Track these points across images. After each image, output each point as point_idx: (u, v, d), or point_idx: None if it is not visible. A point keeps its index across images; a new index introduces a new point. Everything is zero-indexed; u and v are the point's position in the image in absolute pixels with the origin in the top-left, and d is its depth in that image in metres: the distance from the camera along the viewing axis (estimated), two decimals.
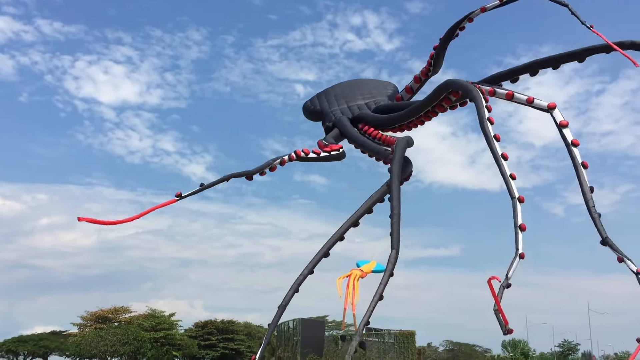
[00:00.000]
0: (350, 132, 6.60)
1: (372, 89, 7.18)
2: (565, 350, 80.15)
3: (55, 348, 56.59)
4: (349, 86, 7.39)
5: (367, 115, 6.67)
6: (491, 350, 78.82)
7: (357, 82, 7.62)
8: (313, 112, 7.24)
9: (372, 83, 7.47)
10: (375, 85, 7.32)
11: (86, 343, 47.61)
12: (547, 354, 79.18)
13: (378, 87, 7.25)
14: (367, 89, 7.18)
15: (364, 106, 6.84)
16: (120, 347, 47.25)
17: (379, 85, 7.30)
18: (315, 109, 7.22)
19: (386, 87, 7.16)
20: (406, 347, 36.09)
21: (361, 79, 7.80)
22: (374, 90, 7.14)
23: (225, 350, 55.16)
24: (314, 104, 7.29)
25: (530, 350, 75.50)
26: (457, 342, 76.85)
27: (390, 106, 6.72)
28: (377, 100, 6.88)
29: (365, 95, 7.02)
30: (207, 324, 57.28)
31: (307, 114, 7.36)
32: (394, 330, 36.88)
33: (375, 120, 6.56)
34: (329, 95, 7.26)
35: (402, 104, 6.75)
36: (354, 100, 6.97)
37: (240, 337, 56.52)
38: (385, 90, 7.09)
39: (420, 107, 5.95)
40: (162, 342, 51.20)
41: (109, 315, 54.02)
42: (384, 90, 7.10)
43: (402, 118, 6.23)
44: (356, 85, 7.42)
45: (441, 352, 74.98)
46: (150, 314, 54.00)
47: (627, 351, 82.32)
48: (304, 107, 7.41)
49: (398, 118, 6.30)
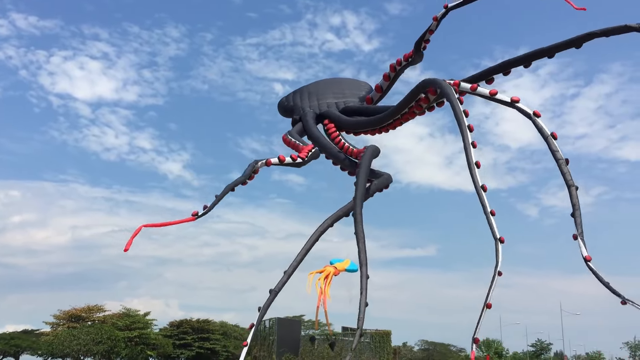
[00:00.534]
0: (311, 128, 6.72)
1: (346, 88, 7.27)
2: (538, 349, 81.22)
3: (27, 347, 55.69)
4: (324, 84, 7.48)
5: (333, 114, 6.79)
6: (465, 349, 79.50)
7: (333, 81, 7.70)
8: (286, 108, 7.34)
9: (348, 83, 7.55)
10: (350, 86, 7.40)
11: (59, 342, 46.90)
12: (520, 353, 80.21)
13: (352, 87, 7.33)
14: (341, 89, 7.27)
15: (334, 105, 6.94)
16: (93, 346, 46.64)
17: (354, 86, 7.38)
18: (287, 105, 7.33)
19: (360, 88, 7.23)
20: (382, 347, 36.27)
21: (338, 78, 7.86)
22: (347, 90, 7.23)
23: (200, 350, 54.80)
24: (288, 100, 7.40)
25: (503, 350, 76.40)
26: (432, 342, 77.39)
27: (360, 109, 6.82)
28: (348, 101, 6.99)
29: (337, 94, 7.12)
30: (182, 323, 56.85)
31: (280, 110, 7.45)
32: (370, 330, 37.00)
33: (340, 120, 6.67)
34: (302, 93, 7.35)
35: (371, 108, 6.83)
36: (325, 98, 7.07)
37: (215, 337, 56.19)
38: (359, 91, 7.17)
39: (399, 107, 6.01)
40: (137, 341, 50.69)
41: (83, 314, 53.28)
42: (357, 91, 7.18)
43: (383, 120, 6.29)
44: (331, 84, 7.51)
45: (416, 352, 75.41)
46: (125, 313, 53.42)
47: (599, 351, 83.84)
48: (278, 104, 7.51)
49: (377, 121, 6.36)
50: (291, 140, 6.63)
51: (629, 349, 77.45)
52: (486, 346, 76.09)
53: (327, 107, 6.91)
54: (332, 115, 6.78)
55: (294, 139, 6.63)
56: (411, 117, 6.15)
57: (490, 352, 73.89)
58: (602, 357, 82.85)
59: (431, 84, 5.53)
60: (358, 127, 6.65)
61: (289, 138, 6.68)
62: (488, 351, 74.44)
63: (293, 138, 6.64)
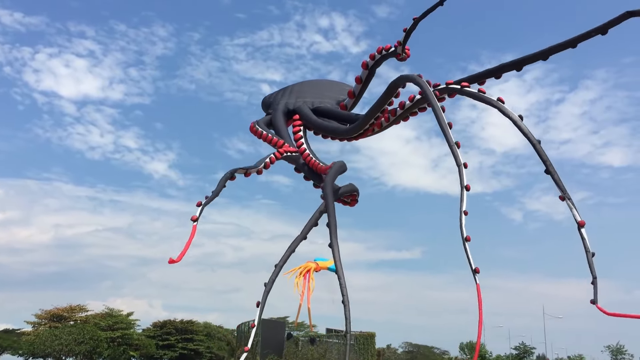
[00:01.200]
0: (278, 122, 6.81)
1: (326, 90, 7.29)
2: (521, 353, 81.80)
3: (7, 347, 55.05)
4: (309, 85, 7.54)
5: (303, 110, 6.82)
6: (449, 352, 79.97)
7: (319, 82, 7.75)
8: (266, 103, 7.40)
9: (331, 85, 7.57)
10: (332, 88, 7.41)
11: (40, 342, 46.46)
12: (503, 356, 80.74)
13: (334, 90, 7.34)
14: (320, 90, 7.30)
15: (310, 103, 6.95)
16: (75, 346, 46.25)
17: (336, 89, 7.38)
18: (268, 101, 7.40)
19: (342, 92, 7.20)
20: (366, 349, 36.28)
21: (324, 80, 7.90)
22: (327, 92, 7.24)
23: (184, 351, 54.54)
24: (270, 96, 7.48)
25: (487, 353, 76.88)
26: (416, 344, 77.76)
27: (330, 110, 6.83)
28: (324, 102, 6.99)
29: (315, 95, 7.14)
30: (165, 324, 56.56)
31: (263, 105, 7.53)
32: (354, 332, 37.01)
33: (310, 118, 6.72)
34: (285, 90, 7.43)
35: (342, 114, 6.80)
36: (304, 97, 7.10)
37: (199, 338, 55.97)
38: (338, 95, 7.16)
39: (376, 106, 5.97)
40: (119, 341, 50.35)
41: (65, 314, 52.82)
42: (336, 94, 7.18)
43: (353, 130, 6.29)
44: (315, 84, 7.57)
45: (400, 354, 75.66)
46: (108, 313, 53.07)
47: (580, 354, 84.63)
48: (262, 100, 7.55)
49: (346, 132, 6.36)
50: (259, 131, 6.65)
51: (610, 352, 78.35)
52: (469, 348, 76.51)
53: (302, 104, 6.93)
54: (302, 111, 6.79)
55: (263, 129, 6.66)
56: (387, 122, 6.12)
57: (473, 354, 74.32)
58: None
59: (406, 79, 5.53)
60: (327, 131, 6.67)
61: (257, 128, 6.69)
62: (471, 354, 74.82)
63: (261, 128, 6.68)
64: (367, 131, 6.29)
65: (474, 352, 73.34)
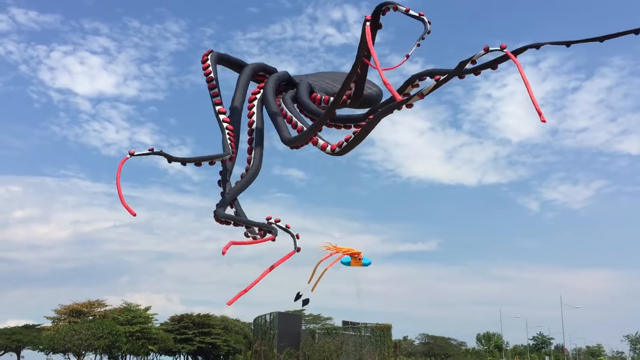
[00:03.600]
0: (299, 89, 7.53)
1: (332, 81, 7.95)
2: (539, 343, 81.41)
3: (28, 342, 55.79)
4: (333, 74, 8.34)
5: (300, 84, 7.56)
6: (466, 343, 79.82)
7: (333, 73, 8.46)
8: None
9: (336, 76, 8.22)
10: (336, 79, 8.02)
11: (60, 337, 46.99)
12: (520, 346, 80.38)
13: (337, 80, 7.93)
14: (334, 79, 8.00)
15: (316, 87, 7.66)
16: (94, 341, 46.75)
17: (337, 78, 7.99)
18: None
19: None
20: (382, 341, 36.24)
21: (339, 72, 8.47)
22: (332, 81, 7.93)
23: (201, 345, 55.01)
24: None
25: (504, 343, 76.60)
26: (433, 336, 77.63)
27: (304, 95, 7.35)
28: (327, 90, 7.66)
29: (323, 80, 7.95)
30: (183, 318, 57.04)
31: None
32: (371, 324, 37.00)
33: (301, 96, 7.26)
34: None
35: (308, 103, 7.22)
36: (321, 80, 7.96)
37: (216, 331, 56.39)
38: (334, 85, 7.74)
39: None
40: (138, 336, 50.84)
41: (84, 309, 53.44)
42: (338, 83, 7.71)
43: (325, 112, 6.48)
44: (336, 75, 8.27)
45: (417, 346, 75.67)
46: (126, 307, 53.60)
47: (599, 344, 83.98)
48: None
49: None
50: (289, 114, 6.82)
51: (629, 342, 77.72)
52: (486, 339, 76.26)
53: (304, 79, 7.71)
54: (299, 85, 7.47)
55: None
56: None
57: (490, 345, 74.02)
58: (602, 350, 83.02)
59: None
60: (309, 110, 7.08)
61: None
62: (488, 344, 74.57)
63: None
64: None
65: (489, 343, 72.79)
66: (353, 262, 8.04)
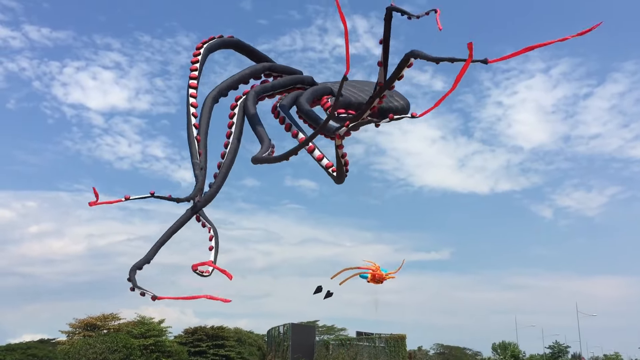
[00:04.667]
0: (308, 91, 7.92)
1: (358, 90, 7.99)
2: (556, 352, 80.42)
3: (43, 356, 55.94)
4: (358, 82, 8.47)
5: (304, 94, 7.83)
6: (481, 353, 79.04)
7: (361, 82, 8.61)
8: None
9: (364, 85, 8.28)
10: (362, 89, 8.04)
11: (75, 351, 47.13)
12: (537, 355, 79.43)
13: (364, 90, 7.96)
14: (359, 88, 8.09)
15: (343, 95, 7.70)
16: (109, 354, 46.82)
17: (365, 88, 8.04)
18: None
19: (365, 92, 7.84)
20: (397, 351, 35.99)
21: (366, 82, 8.63)
22: (358, 90, 7.99)
23: (215, 357, 54.83)
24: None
25: (520, 353, 75.68)
26: (448, 346, 76.96)
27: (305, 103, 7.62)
28: (350, 99, 7.67)
29: (352, 91, 7.95)
30: (197, 330, 56.94)
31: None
32: (385, 335, 36.77)
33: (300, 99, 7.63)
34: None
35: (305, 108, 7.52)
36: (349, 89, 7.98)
37: (230, 344, 56.20)
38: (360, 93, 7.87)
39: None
40: (152, 349, 50.83)
41: (98, 323, 53.53)
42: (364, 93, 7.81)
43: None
44: (361, 83, 8.44)
45: (432, 356, 75.00)
46: (140, 320, 53.61)
47: (617, 352, 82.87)
48: None
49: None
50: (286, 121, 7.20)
51: None
52: (502, 349, 75.45)
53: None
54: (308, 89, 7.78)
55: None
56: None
57: (506, 355, 73.20)
58: (620, 358, 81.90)
59: None
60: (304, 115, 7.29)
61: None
62: (504, 354, 73.75)
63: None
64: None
65: (506, 353, 72.13)
66: (370, 279, 8.13)
